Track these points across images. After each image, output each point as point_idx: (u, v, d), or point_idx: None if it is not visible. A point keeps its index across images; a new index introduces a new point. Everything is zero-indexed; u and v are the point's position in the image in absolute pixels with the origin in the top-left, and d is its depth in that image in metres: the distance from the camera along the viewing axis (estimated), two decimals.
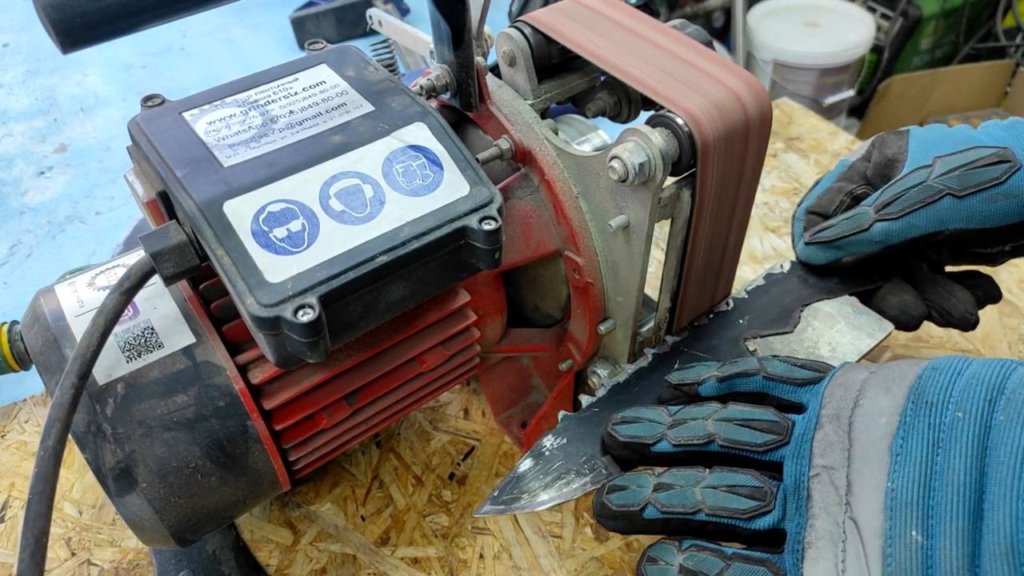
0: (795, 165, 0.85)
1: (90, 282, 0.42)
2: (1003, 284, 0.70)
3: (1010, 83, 1.85)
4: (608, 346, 0.51)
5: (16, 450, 0.61)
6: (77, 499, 0.57)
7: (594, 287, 0.47)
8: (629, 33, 0.45)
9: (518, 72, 0.46)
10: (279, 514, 0.56)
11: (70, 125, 1.30)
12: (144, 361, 0.39)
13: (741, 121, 0.41)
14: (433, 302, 0.45)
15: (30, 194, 1.15)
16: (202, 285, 0.42)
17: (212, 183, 0.36)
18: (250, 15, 1.65)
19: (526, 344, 0.54)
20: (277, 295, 0.33)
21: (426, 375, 0.47)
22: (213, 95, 0.41)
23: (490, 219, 0.37)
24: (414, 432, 0.61)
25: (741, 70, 0.42)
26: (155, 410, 0.38)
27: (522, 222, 0.46)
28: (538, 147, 0.45)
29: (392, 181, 0.38)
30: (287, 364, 0.35)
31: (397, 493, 0.57)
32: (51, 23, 0.27)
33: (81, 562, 0.53)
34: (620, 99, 0.49)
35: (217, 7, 0.32)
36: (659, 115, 0.40)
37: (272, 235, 0.35)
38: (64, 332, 0.39)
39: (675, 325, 0.50)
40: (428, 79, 0.44)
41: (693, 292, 0.49)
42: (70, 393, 0.34)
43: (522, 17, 0.46)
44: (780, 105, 0.94)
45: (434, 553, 0.53)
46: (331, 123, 0.40)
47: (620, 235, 0.44)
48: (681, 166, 0.40)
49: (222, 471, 0.40)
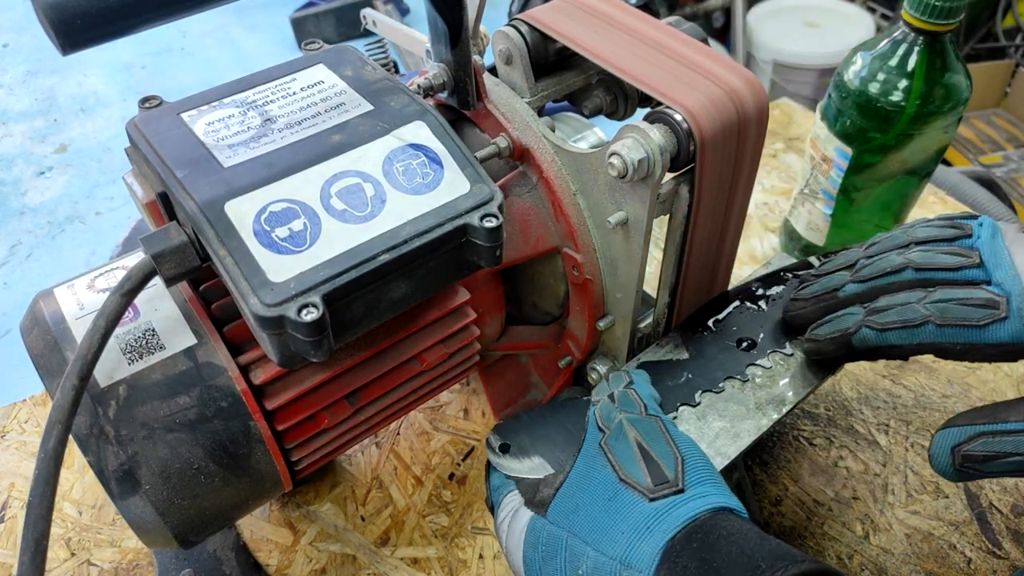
0: (795, 165, 0.85)
1: (90, 284, 0.42)
2: None
3: (1010, 83, 1.86)
4: (607, 342, 0.51)
5: (16, 450, 0.61)
6: (77, 499, 0.57)
7: (593, 284, 0.47)
8: (626, 30, 0.45)
9: (515, 70, 0.46)
10: (279, 514, 0.56)
11: (70, 125, 1.30)
12: (145, 363, 0.39)
13: (739, 116, 0.41)
14: (433, 300, 0.45)
15: (30, 194, 1.15)
16: (202, 286, 0.42)
17: (213, 184, 0.36)
18: (250, 15, 1.65)
19: (525, 342, 0.54)
20: (280, 294, 0.33)
21: (426, 373, 0.47)
22: (211, 96, 0.41)
23: (491, 216, 0.37)
24: (414, 432, 0.61)
25: (738, 66, 0.43)
26: (157, 412, 0.38)
27: (520, 220, 0.46)
28: (536, 145, 0.45)
29: (393, 180, 0.38)
30: (290, 364, 0.35)
31: (397, 493, 0.57)
32: (51, 24, 0.27)
33: (81, 562, 0.54)
34: (617, 96, 0.49)
35: (217, 7, 0.32)
36: (657, 111, 0.40)
37: (274, 235, 0.35)
38: (65, 335, 0.39)
39: (674, 320, 0.50)
40: (425, 78, 0.44)
41: (692, 287, 0.49)
42: (71, 395, 0.34)
43: (519, 15, 0.46)
44: (780, 105, 0.94)
45: (434, 553, 0.53)
46: (330, 123, 0.40)
47: (619, 231, 0.44)
48: (679, 162, 0.40)
49: (225, 472, 0.40)
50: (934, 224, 0.43)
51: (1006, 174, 1.64)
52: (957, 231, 0.42)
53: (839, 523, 0.53)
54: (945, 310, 0.38)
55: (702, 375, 0.46)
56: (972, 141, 1.76)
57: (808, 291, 0.46)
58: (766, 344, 0.48)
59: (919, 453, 0.57)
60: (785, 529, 0.53)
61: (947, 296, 0.39)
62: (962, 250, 0.41)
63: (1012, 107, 1.84)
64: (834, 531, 0.52)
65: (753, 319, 0.49)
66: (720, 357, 0.47)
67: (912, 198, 0.64)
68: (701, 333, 0.49)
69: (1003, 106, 1.86)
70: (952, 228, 0.42)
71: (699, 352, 0.48)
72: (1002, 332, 0.37)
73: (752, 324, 0.49)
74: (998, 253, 0.39)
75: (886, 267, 0.42)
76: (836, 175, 0.62)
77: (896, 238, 0.44)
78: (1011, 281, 0.38)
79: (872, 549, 0.51)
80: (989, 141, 1.76)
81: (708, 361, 0.47)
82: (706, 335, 0.49)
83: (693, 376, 0.46)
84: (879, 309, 0.41)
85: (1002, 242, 0.40)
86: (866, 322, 0.41)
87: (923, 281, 0.41)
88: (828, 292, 0.44)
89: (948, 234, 0.42)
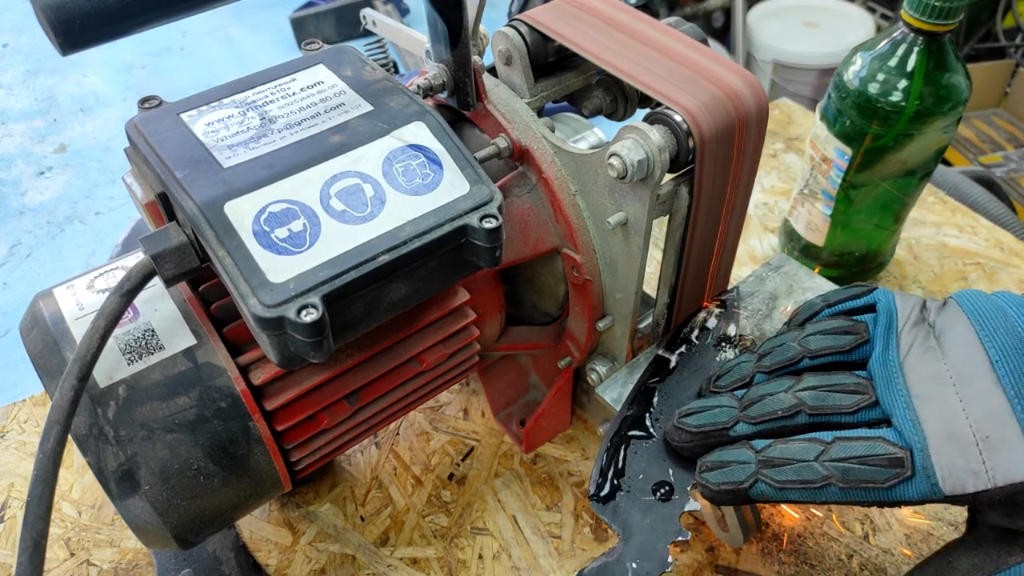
0: (795, 165, 0.85)
1: (89, 284, 0.42)
2: (1001, 284, 0.70)
3: (1010, 83, 1.86)
4: (606, 343, 0.51)
5: (16, 450, 0.61)
6: (76, 499, 0.57)
7: (592, 284, 0.47)
8: (625, 31, 0.45)
9: (514, 71, 0.46)
10: (278, 514, 0.56)
11: (70, 125, 1.30)
12: (145, 363, 0.39)
13: (738, 117, 0.41)
14: (432, 301, 0.45)
15: (30, 194, 1.15)
16: (202, 287, 0.42)
17: (212, 184, 0.36)
18: (250, 15, 1.65)
19: (524, 342, 0.54)
20: (280, 295, 0.33)
21: (426, 374, 0.47)
22: (211, 96, 0.41)
23: (491, 217, 0.37)
24: (414, 432, 0.61)
25: (737, 66, 0.43)
26: (157, 412, 0.38)
27: (520, 220, 0.46)
28: (535, 145, 0.45)
29: (392, 180, 0.38)
30: (289, 364, 0.35)
31: (396, 493, 0.57)
32: (50, 25, 0.27)
33: (80, 562, 0.54)
34: (616, 97, 0.49)
35: (217, 7, 0.32)
36: (657, 112, 0.40)
37: (273, 235, 0.35)
38: (64, 335, 0.39)
39: (673, 321, 0.50)
40: (425, 78, 0.44)
41: (691, 288, 0.49)
42: (70, 395, 0.34)
43: (518, 16, 0.46)
44: (780, 105, 0.94)
45: (433, 553, 0.53)
46: (330, 123, 0.40)
47: (618, 232, 0.44)
48: (679, 162, 0.40)
49: (224, 472, 0.40)
50: (826, 329, 0.40)
51: (1006, 174, 1.64)
52: (852, 338, 0.39)
53: (839, 523, 0.53)
54: (847, 471, 0.35)
55: (645, 558, 0.39)
56: (972, 141, 1.76)
57: (692, 422, 0.41)
58: (681, 481, 0.42)
59: None
60: (785, 529, 0.53)
61: (846, 453, 0.36)
62: (856, 384, 0.38)
63: (1012, 107, 1.84)
64: (834, 531, 0.52)
65: (652, 455, 0.43)
66: (648, 522, 0.41)
67: (912, 198, 0.64)
68: (612, 499, 0.42)
69: (1003, 106, 1.86)
70: (846, 334, 0.40)
71: (626, 527, 0.41)
72: (910, 491, 0.35)
73: (655, 462, 0.43)
74: (892, 383, 0.37)
75: (777, 409, 0.38)
76: (836, 175, 0.62)
77: (788, 349, 0.41)
78: (910, 429, 0.35)
79: (872, 549, 0.51)
80: (989, 141, 1.76)
81: (640, 535, 0.40)
82: (620, 499, 0.42)
83: (638, 565, 0.39)
84: (775, 462, 0.37)
85: (895, 359, 0.37)
86: (761, 476, 0.37)
87: (818, 425, 0.38)
88: (716, 429, 0.40)
89: (843, 344, 0.39)
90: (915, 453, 0.35)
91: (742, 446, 0.39)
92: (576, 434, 0.60)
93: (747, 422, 0.39)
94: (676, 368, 0.48)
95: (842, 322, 0.40)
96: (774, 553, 0.51)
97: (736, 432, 0.39)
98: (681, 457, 0.43)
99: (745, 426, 0.39)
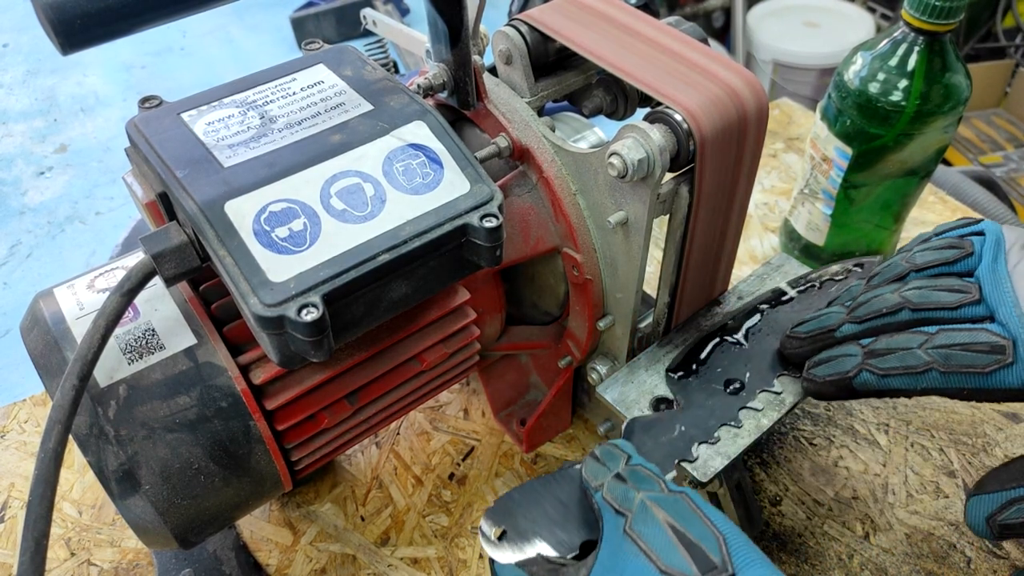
0: (795, 165, 0.85)
1: (89, 284, 0.42)
2: None
3: (1010, 83, 1.86)
4: (607, 342, 0.51)
5: (16, 450, 0.61)
6: (77, 499, 0.57)
7: (593, 284, 0.47)
8: (625, 30, 0.45)
9: (515, 70, 0.46)
10: (279, 514, 0.56)
11: (70, 125, 1.31)
12: (145, 363, 0.39)
13: (739, 116, 0.41)
14: (433, 300, 0.45)
15: (30, 194, 1.15)
16: (202, 286, 0.42)
17: (213, 183, 0.36)
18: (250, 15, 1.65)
19: (525, 341, 0.54)
20: (280, 294, 0.33)
21: (426, 373, 0.47)
22: (211, 96, 0.41)
23: (491, 216, 0.37)
24: (414, 432, 0.61)
25: (737, 65, 0.43)
26: (157, 412, 0.38)
27: (520, 220, 0.46)
28: (536, 145, 0.45)
29: (393, 180, 0.38)
30: (290, 364, 0.35)
31: (397, 493, 0.57)
32: (51, 24, 0.27)
33: (81, 562, 0.54)
34: (616, 96, 0.49)
35: (217, 7, 0.32)
36: (657, 111, 0.40)
37: (274, 235, 0.35)
38: (64, 335, 0.39)
39: (673, 320, 0.50)
40: (425, 78, 0.44)
41: (691, 287, 0.49)
42: (70, 395, 0.34)
43: (518, 15, 0.46)
44: (780, 105, 0.94)
45: (434, 553, 0.53)
46: (330, 123, 0.40)
47: (619, 231, 0.44)
48: (679, 162, 0.40)
49: (225, 472, 0.40)
50: (933, 246, 0.42)
51: (1006, 174, 1.64)
52: (958, 251, 0.41)
53: (839, 523, 0.53)
54: (949, 356, 0.37)
55: (695, 425, 0.44)
56: (972, 141, 1.76)
57: (803, 329, 0.45)
58: (754, 383, 0.46)
59: (919, 453, 0.57)
60: (785, 529, 0.53)
61: (949, 341, 0.37)
62: (961, 284, 0.39)
63: (1012, 107, 1.84)
64: (834, 531, 0.52)
65: (736, 358, 0.48)
66: (709, 403, 0.45)
67: (912, 198, 0.64)
68: (686, 378, 0.47)
69: (1003, 106, 1.86)
70: (952, 248, 0.41)
71: (688, 400, 0.45)
72: (1010, 378, 0.36)
73: (736, 364, 0.47)
74: (1000, 286, 0.38)
75: (882, 307, 0.40)
76: (836, 175, 0.62)
77: (895, 266, 0.43)
78: (1015, 322, 0.36)
79: (872, 549, 0.51)
80: (989, 141, 1.76)
81: (698, 409, 0.45)
82: (691, 380, 0.47)
83: (686, 428, 0.44)
84: (879, 352, 0.39)
85: (1004, 270, 0.38)
86: (866, 366, 0.39)
87: (921, 320, 0.39)
88: (824, 332, 0.43)
89: (948, 256, 0.41)
90: (1018, 343, 0.36)
91: (849, 343, 0.41)
92: (577, 434, 0.60)
93: (853, 322, 0.42)
94: (790, 301, 0.51)
95: (949, 240, 0.42)
96: (774, 553, 0.51)
97: (842, 333, 0.42)
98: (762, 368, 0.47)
99: (851, 326, 0.42)
